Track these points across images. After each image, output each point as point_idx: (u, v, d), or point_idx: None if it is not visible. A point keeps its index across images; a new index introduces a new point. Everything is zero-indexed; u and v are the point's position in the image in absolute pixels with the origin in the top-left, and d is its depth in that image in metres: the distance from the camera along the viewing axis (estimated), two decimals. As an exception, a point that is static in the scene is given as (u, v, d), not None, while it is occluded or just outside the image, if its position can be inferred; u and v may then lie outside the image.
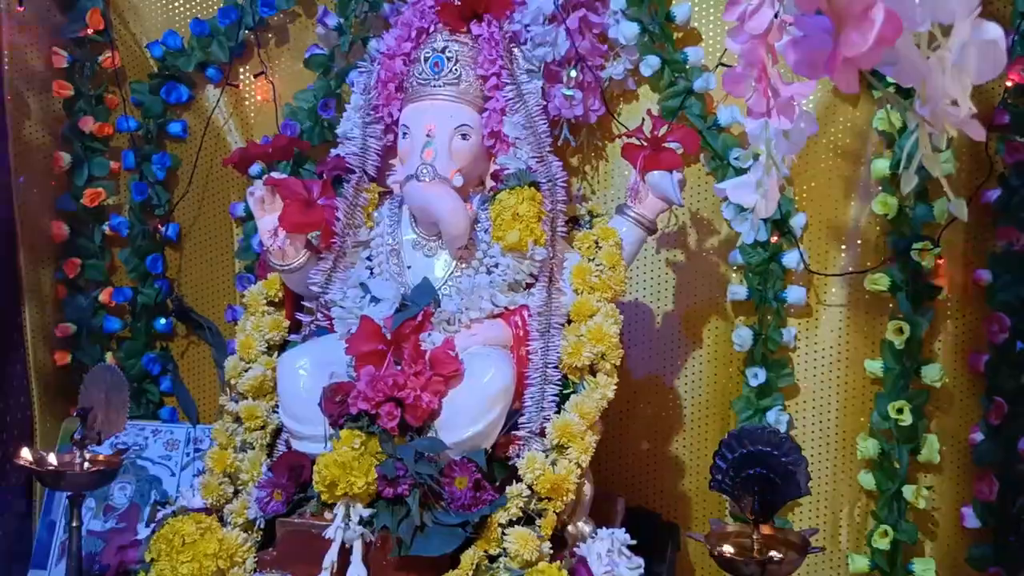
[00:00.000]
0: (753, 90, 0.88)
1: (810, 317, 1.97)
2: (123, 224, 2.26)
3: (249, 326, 1.67)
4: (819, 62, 0.71)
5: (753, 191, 0.95)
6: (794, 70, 0.76)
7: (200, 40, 2.17)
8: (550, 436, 1.48)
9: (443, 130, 1.63)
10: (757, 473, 1.38)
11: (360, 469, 1.38)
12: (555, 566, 1.35)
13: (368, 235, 1.68)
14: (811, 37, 0.72)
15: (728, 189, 1.00)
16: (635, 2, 1.90)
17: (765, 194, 0.95)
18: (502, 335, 1.57)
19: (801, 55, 0.73)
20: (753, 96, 0.89)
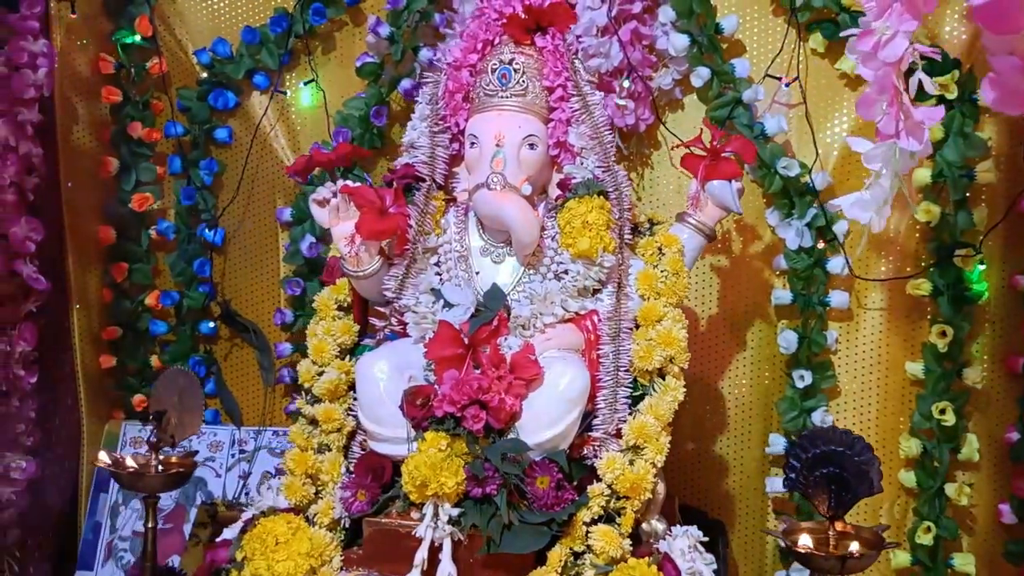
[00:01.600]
0: (884, 113, 0.94)
1: (851, 320, 2.04)
2: (170, 228, 2.29)
3: (320, 330, 1.71)
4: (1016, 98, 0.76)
5: (870, 208, 1.01)
6: (992, 107, 0.81)
7: (250, 48, 2.20)
8: (627, 437, 1.53)
9: (512, 140, 1.68)
10: (831, 472, 1.43)
11: (450, 470, 1.43)
12: (644, 562, 1.40)
13: (436, 241, 1.73)
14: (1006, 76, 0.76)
15: (844, 206, 1.05)
16: (684, 15, 1.96)
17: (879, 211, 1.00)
18: (575, 339, 1.62)
19: (998, 93, 0.77)
20: (883, 119, 0.94)
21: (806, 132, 1.99)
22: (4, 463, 2.05)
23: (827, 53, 1.99)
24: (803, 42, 1.99)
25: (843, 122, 2.01)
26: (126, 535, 2.28)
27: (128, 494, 2.28)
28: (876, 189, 1.03)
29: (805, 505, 2.00)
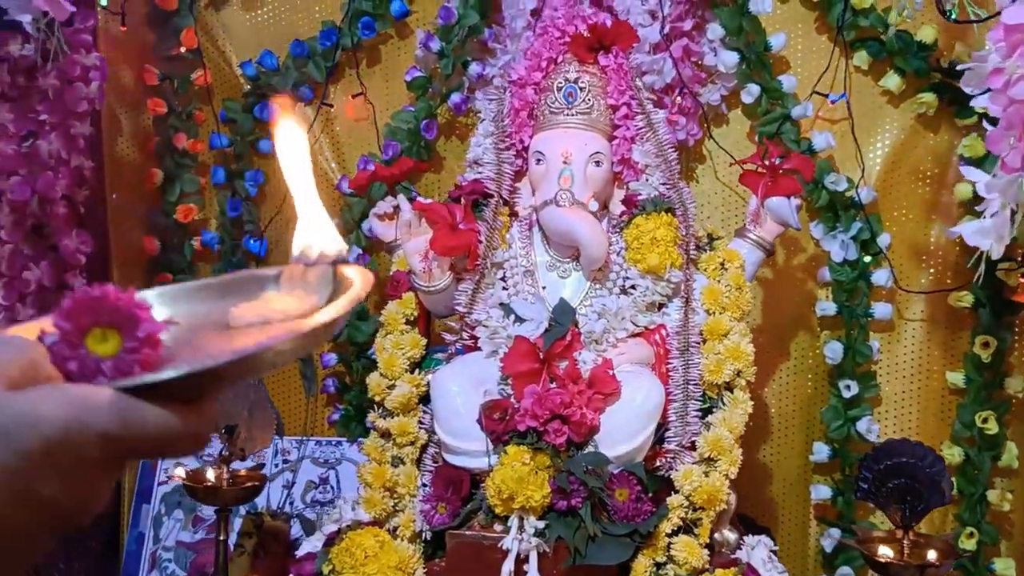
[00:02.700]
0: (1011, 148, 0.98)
1: (892, 331, 2.09)
2: (214, 239, 2.30)
3: (389, 344, 1.73)
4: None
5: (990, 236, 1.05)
6: None
7: (296, 60, 2.22)
8: (701, 450, 1.57)
9: (579, 157, 1.71)
10: (903, 483, 1.48)
11: (535, 483, 1.46)
12: (730, 572, 1.44)
13: (503, 256, 1.75)
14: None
15: (966, 234, 1.09)
16: (734, 32, 2.00)
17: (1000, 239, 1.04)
18: (646, 353, 1.66)
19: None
20: (1010, 153, 0.98)
21: (846, 147, 2.04)
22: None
23: (870, 71, 2.04)
24: (847, 59, 2.04)
25: (886, 138, 2.06)
26: (170, 545, 2.29)
27: (171, 504, 2.28)
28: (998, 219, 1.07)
29: (848, 512, 2.06)
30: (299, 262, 0.66)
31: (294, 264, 0.66)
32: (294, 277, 0.66)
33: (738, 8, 1.99)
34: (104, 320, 0.55)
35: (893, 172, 2.06)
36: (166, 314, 0.65)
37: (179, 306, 0.66)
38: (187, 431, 0.53)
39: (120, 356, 0.54)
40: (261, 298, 0.65)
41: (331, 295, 0.65)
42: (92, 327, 0.55)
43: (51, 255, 2.02)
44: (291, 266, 0.66)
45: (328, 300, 0.65)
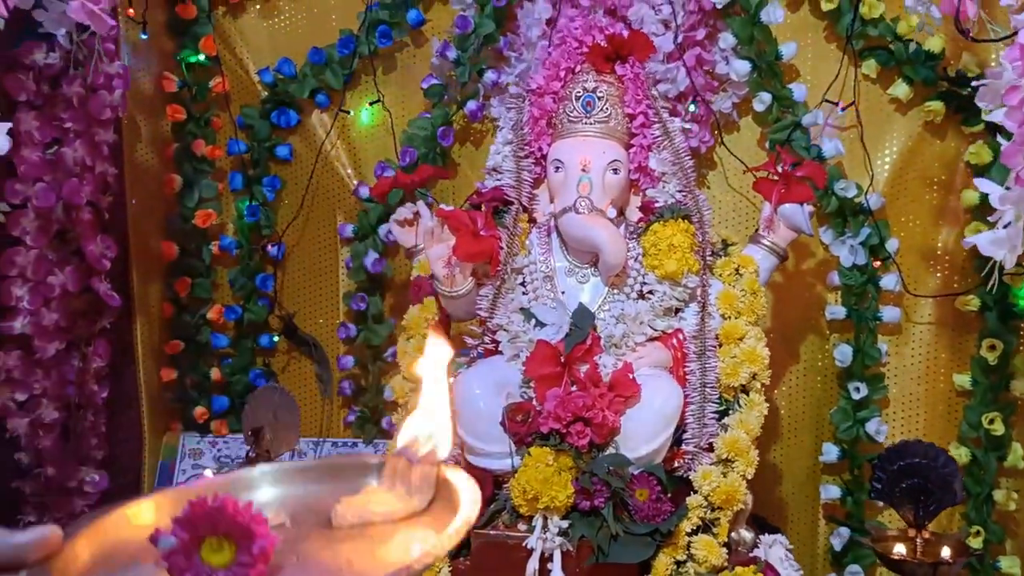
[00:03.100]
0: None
1: (899, 334, 2.14)
2: (232, 244, 2.34)
3: (411, 348, 1.77)
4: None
5: (1004, 246, 1.09)
6: None
7: (314, 67, 2.25)
8: (719, 451, 1.61)
9: (597, 165, 1.75)
10: (916, 483, 1.52)
11: (559, 484, 1.50)
12: (750, 569, 1.48)
13: (523, 262, 1.79)
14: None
15: (981, 244, 1.13)
16: (746, 41, 2.04)
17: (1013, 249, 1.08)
18: (664, 357, 1.70)
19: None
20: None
21: (854, 154, 2.08)
22: (78, 477, 2.08)
23: (878, 79, 2.08)
24: (856, 68, 2.08)
25: (893, 145, 2.10)
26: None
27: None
28: (1012, 230, 1.11)
29: (857, 512, 2.10)
30: (404, 455, 0.66)
31: (397, 458, 0.66)
32: (396, 472, 0.66)
33: (750, 18, 2.03)
34: (221, 530, 0.57)
35: (901, 178, 2.10)
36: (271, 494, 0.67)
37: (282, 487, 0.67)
38: None
39: (233, 569, 0.56)
40: (363, 492, 0.66)
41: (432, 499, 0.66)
42: (208, 536, 0.57)
43: (74, 260, 2.06)
44: (395, 459, 0.66)
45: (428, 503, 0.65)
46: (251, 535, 0.57)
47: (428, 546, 0.59)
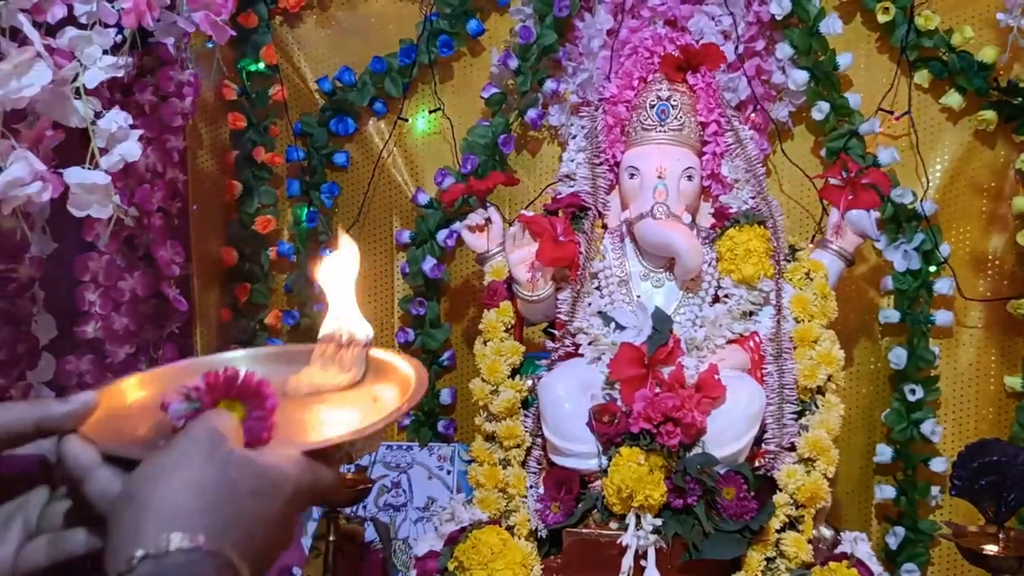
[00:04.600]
0: None
1: (951, 337, 2.19)
2: (290, 250, 2.36)
3: (490, 351, 1.80)
4: None
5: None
6: None
7: (374, 76, 2.29)
8: (801, 450, 1.66)
9: (673, 172, 1.79)
10: (995, 480, 1.57)
11: (653, 482, 1.54)
12: (843, 564, 1.52)
13: (599, 267, 1.83)
14: None
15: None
16: (804, 52, 2.09)
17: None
18: (743, 359, 1.74)
19: None
20: None
21: (906, 161, 2.13)
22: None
23: (931, 89, 2.14)
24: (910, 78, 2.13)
25: (945, 153, 2.16)
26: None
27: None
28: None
29: (911, 511, 2.15)
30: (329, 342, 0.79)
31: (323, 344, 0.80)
32: (325, 356, 0.79)
33: (808, 29, 2.08)
34: (233, 394, 0.67)
35: (952, 186, 2.16)
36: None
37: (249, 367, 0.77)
38: (338, 483, 0.70)
39: (249, 423, 0.67)
40: (304, 372, 0.79)
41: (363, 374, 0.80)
42: (221, 400, 0.67)
43: (142, 265, 2.08)
44: (321, 346, 0.80)
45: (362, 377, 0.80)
46: (262, 395, 0.67)
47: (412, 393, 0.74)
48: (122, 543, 0.57)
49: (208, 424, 0.63)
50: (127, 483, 0.61)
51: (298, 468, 0.64)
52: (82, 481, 0.63)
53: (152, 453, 0.62)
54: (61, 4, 1.17)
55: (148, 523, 0.57)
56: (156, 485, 0.59)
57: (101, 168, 1.23)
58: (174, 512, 0.57)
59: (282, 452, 0.65)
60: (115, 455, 0.65)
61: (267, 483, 0.62)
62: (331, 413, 0.76)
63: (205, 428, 0.63)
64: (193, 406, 0.65)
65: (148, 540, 0.56)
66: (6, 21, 1.06)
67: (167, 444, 0.62)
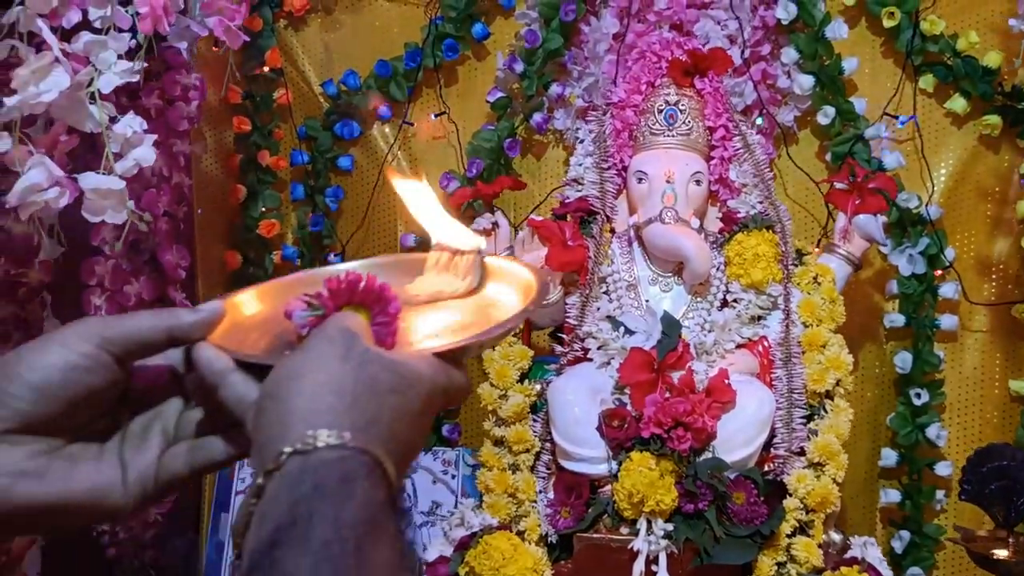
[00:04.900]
0: None
1: (955, 342, 2.20)
2: (295, 254, 2.36)
3: (498, 355, 1.80)
4: None
5: None
6: None
7: (379, 80, 2.28)
8: (811, 455, 1.66)
9: (681, 177, 1.80)
10: (1005, 485, 1.57)
11: (664, 487, 1.54)
12: (855, 569, 1.53)
13: (607, 271, 1.83)
14: None
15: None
16: (810, 56, 2.10)
17: None
18: (752, 364, 1.74)
19: None
20: None
21: (911, 166, 2.14)
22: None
23: (935, 93, 2.15)
24: (915, 83, 2.14)
25: (949, 158, 2.17)
26: (251, 553, 2.33)
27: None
28: None
29: (916, 515, 2.15)
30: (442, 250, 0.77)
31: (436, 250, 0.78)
32: (440, 263, 0.77)
33: (813, 34, 2.08)
34: (356, 299, 0.66)
35: (957, 190, 2.17)
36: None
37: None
38: (469, 386, 0.69)
39: (375, 327, 0.66)
40: (419, 280, 0.77)
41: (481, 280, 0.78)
42: (344, 306, 0.66)
43: (147, 269, 2.07)
44: (434, 254, 0.78)
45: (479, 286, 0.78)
46: (385, 299, 0.67)
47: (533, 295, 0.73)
48: (268, 441, 0.57)
49: (340, 324, 0.63)
50: (266, 385, 0.61)
51: (432, 368, 0.64)
52: (217, 387, 0.64)
53: (286, 356, 0.62)
54: (76, 9, 1.17)
55: (293, 420, 0.57)
56: (297, 384, 0.59)
57: (116, 173, 1.22)
58: (317, 409, 0.57)
59: (414, 352, 0.65)
60: (247, 361, 0.65)
61: (404, 381, 0.61)
62: (453, 318, 0.74)
63: (338, 328, 0.63)
64: (316, 312, 0.65)
65: (294, 437, 0.56)
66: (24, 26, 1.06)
67: (301, 346, 0.62)
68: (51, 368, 0.63)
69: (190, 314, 0.68)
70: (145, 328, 0.66)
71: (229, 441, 0.68)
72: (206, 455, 0.68)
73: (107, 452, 0.68)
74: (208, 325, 0.68)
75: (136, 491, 0.67)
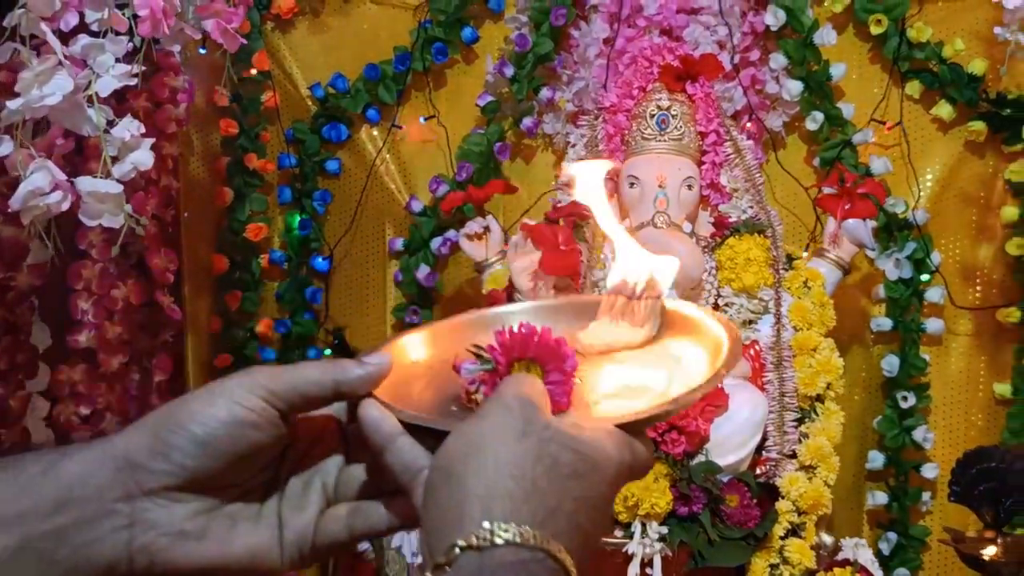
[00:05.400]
0: None
1: (940, 345, 2.22)
2: (282, 258, 2.35)
3: (491, 360, 1.80)
4: None
5: None
6: None
7: (368, 83, 2.28)
8: (802, 458, 1.67)
9: (673, 182, 1.81)
10: (993, 487, 1.59)
11: (659, 490, 1.54)
12: (848, 571, 1.54)
13: (599, 275, 1.84)
14: None
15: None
16: (798, 62, 2.11)
17: None
18: (744, 368, 1.75)
19: None
20: None
21: (897, 171, 2.16)
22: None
23: (922, 99, 2.17)
24: (898, 88, 2.17)
25: (935, 163, 2.19)
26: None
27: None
28: None
29: (903, 517, 2.17)
30: (619, 293, 0.71)
31: (613, 296, 0.71)
32: (615, 309, 0.71)
33: (802, 40, 2.10)
34: (529, 354, 0.61)
35: (943, 195, 2.19)
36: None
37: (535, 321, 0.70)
38: (652, 459, 0.63)
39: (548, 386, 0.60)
40: (592, 327, 0.71)
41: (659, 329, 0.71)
42: (517, 360, 0.61)
43: (135, 273, 2.06)
44: (611, 297, 0.71)
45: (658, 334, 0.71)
46: (561, 355, 0.61)
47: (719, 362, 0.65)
48: (440, 527, 0.53)
49: (518, 392, 0.58)
50: (438, 459, 0.56)
51: (616, 444, 0.58)
52: (383, 451, 0.60)
53: (459, 423, 0.58)
54: (74, 12, 1.16)
55: (467, 507, 0.52)
56: (472, 463, 0.54)
57: (113, 177, 1.21)
58: (494, 495, 0.52)
59: (597, 425, 0.59)
60: (413, 423, 0.60)
61: (587, 462, 0.56)
62: (632, 374, 0.68)
63: (516, 397, 0.57)
64: (486, 367, 0.61)
65: (468, 528, 0.51)
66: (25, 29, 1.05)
67: (475, 415, 0.58)
68: (217, 422, 0.60)
69: (357, 368, 0.63)
70: (312, 382, 0.62)
71: (392, 509, 0.63)
72: (367, 522, 0.64)
73: (265, 512, 0.65)
74: (376, 380, 0.63)
75: (293, 553, 0.64)
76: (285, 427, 0.63)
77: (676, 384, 0.64)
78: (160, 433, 0.60)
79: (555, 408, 0.60)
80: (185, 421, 0.60)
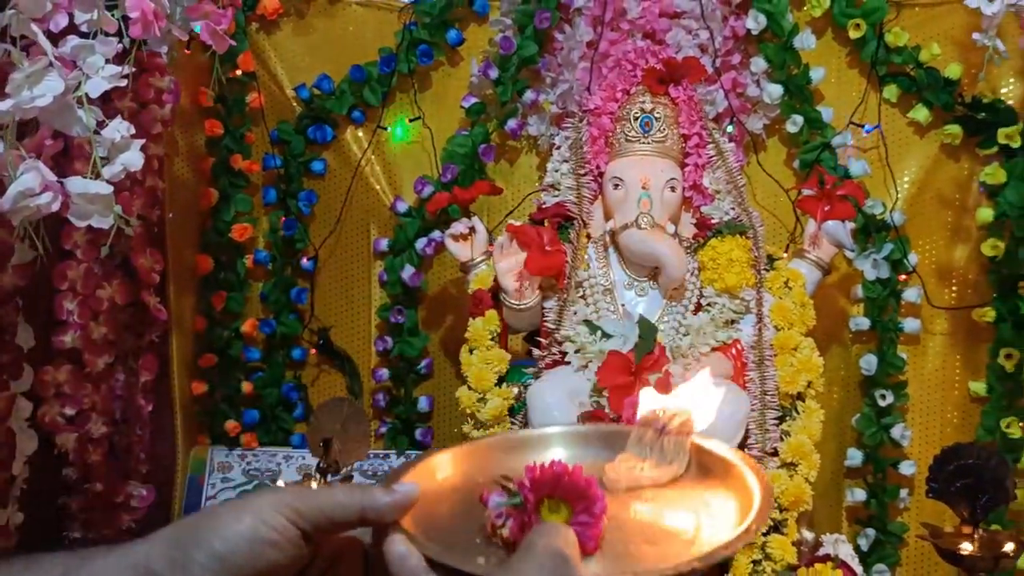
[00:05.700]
0: None
1: (917, 345, 2.26)
2: (267, 258, 2.35)
3: (477, 360, 1.82)
4: None
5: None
6: None
7: (353, 84, 2.29)
8: (783, 455, 1.70)
9: (656, 183, 1.83)
10: (970, 483, 1.62)
11: (643, 488, 1.56)
12: (828, 566, 1.57)
13: (583, 276, 1.86)
14: None
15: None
16: (779, 66, 2.14)
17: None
18: (726, 367, 1.78)
19: None
20: None
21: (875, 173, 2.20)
22: (125, 492, 2.08)
23: (899, 103, 2.21)
24: (876, 92, 2.20)
25: (912, 166, 2.22)
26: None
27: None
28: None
29: (881, 514, 2.21)
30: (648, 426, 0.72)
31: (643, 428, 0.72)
32: (644, 441, 0.72)
33: (782, 44, 2.13)
34: (558, 493, 0.62)
35: (920, 197, 2.23)
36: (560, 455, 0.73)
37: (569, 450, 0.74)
38: None
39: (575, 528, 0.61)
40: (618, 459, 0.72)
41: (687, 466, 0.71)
42: (544, 497, 0.62)
43: (120, 273, 2.06)
44: (640, 430, 0.72)
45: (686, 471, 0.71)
46: (591, 498, 0.61)
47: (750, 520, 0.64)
48: None
49: (551, 545, 0.58)
50: None
51: None
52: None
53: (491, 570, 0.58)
54: (63, 13, 1.16)
55: None
56: None
57: (103, 178, 1.22)
58: None
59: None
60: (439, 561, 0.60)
61: None
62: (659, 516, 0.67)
63: (549, 551, 0.57)
64: (513, 501, 0.61)
65: None
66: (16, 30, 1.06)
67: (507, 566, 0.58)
68: (239, 539, 0.60)
69: (385, 495, 0.63)
70: (338, 505, 0.63)
71: None
72: None
73: None
74: (403, 509, 0.63)
75: None
76: (307, 547, 0.63)
77: (704, 531, 0.64)
78: (182, 546, 0.61)
79: (582, 550, 0.60)
80: (208, 535, 0.61)
